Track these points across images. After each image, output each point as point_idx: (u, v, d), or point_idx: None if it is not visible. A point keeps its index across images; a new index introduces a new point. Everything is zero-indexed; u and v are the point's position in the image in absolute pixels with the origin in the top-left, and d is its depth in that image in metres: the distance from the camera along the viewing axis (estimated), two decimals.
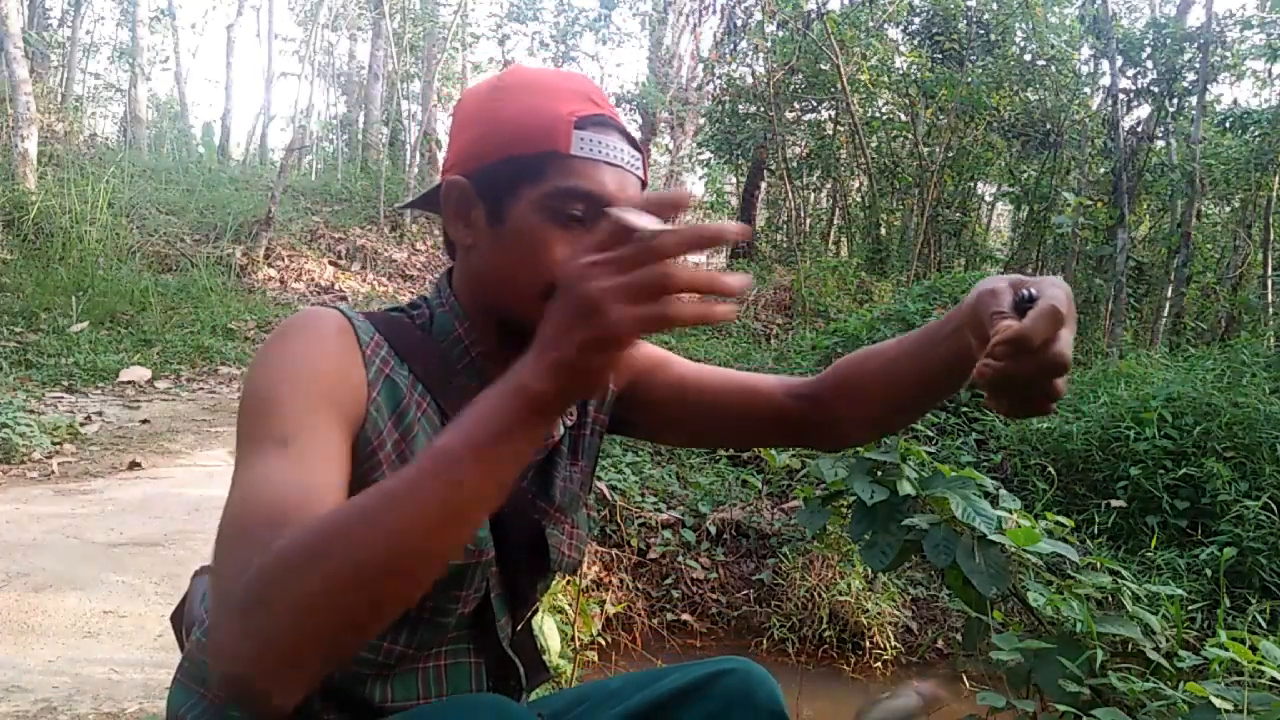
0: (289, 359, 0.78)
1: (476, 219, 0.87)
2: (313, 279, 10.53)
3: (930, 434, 4.93)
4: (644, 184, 0.91)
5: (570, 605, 2.96)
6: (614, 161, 0.84)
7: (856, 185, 13.24)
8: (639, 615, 3.84)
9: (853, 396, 0.96)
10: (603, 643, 3.55)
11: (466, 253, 0.89)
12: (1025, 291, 0.70)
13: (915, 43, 11.24)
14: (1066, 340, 0.67)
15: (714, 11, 12.85)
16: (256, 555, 0.60)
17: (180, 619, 1.05)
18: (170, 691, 0.93)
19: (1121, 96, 10.11)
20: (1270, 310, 8.99)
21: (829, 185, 14.10)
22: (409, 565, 0.58)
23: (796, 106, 12.54)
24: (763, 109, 11.46)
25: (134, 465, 4.47)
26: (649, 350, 1.06)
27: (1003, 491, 2.09)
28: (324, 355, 0.79)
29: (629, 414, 1.04)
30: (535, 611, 1.00)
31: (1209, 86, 10.07)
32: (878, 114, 11.95)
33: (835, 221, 14.07)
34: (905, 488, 1.96)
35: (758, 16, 11.11)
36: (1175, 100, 10.14)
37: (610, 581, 3.86)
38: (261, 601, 0.58)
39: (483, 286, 0.88)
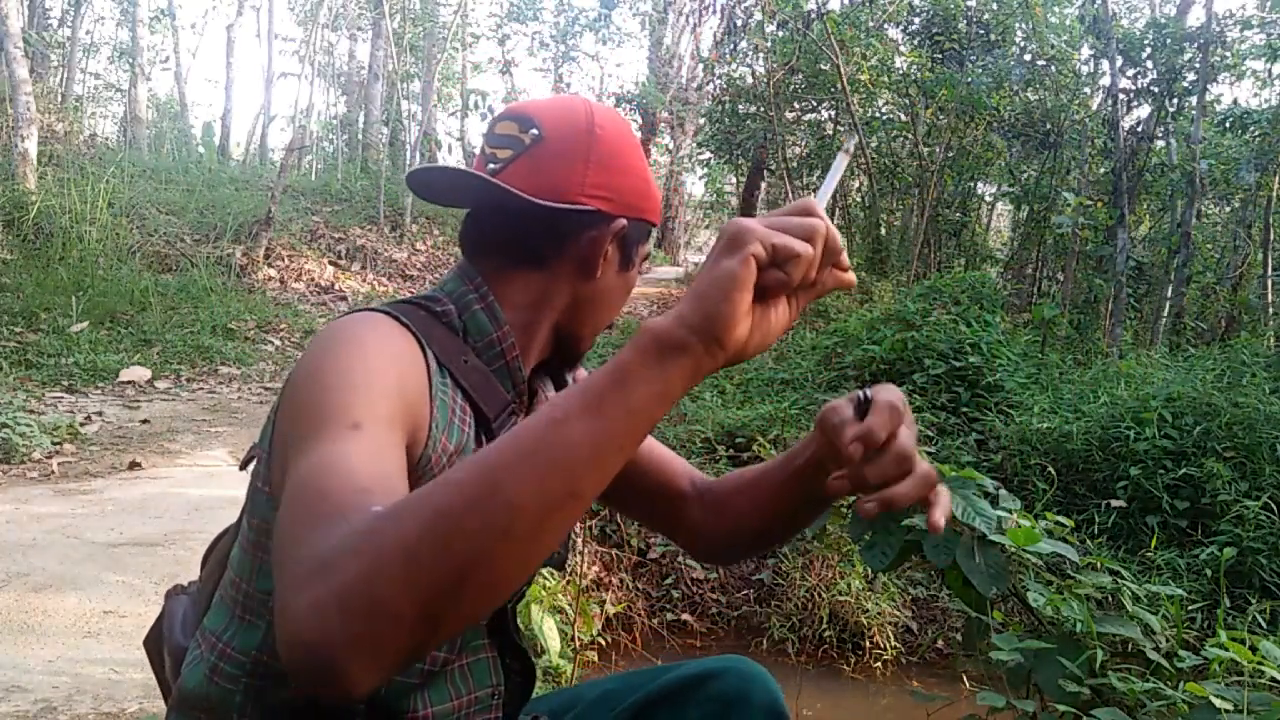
0: (359, 357, 0.76)
1: (611, 257, 0.93)
2: (313, 279, 10.53)
3: (930, 434, 4.93)
4: None
5: (570, 605, 2.96)
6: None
7: (856, 185, 13.25)
8: (639, 615, 3.84)
9: (717, 508, 1.01)
10: (603, 643, 3.55)
11: (580, 279, 0.92)
12: (861, 394, 0.76)
13: (915, 43, 11.24)
14: (907, 436, 0.73)
15: (714, 11, 12.87)
16: (345, 524, 0.56)
17: (157, 644, 1.00)
18: None
19: (1121, 96, 10.11)
20: (1270, 310, 8.99)
21: None
22: (530, 521, 0.54)
23: (796, 106, 12.53)
24: (763, 109, 11.46)
25: (134, 465, 4.47)
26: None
27: (1003, 491, 2.09)
28: (393, 356, 0.79)
29: None
30: (521, 598, 1.02)
31: (1209, 86, 10.07)
32: (878, 114, 11.95)
33: (835, 221, 14.03)
34: None
35: (758, 16, 11.12)
36: (1175, 100, 10.14)
37: (610, 581, 3.86)
38: (360, 561, 0.53)
39: (580, 314, 0.94)
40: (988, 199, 14.22)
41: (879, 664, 3.77)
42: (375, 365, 0.75)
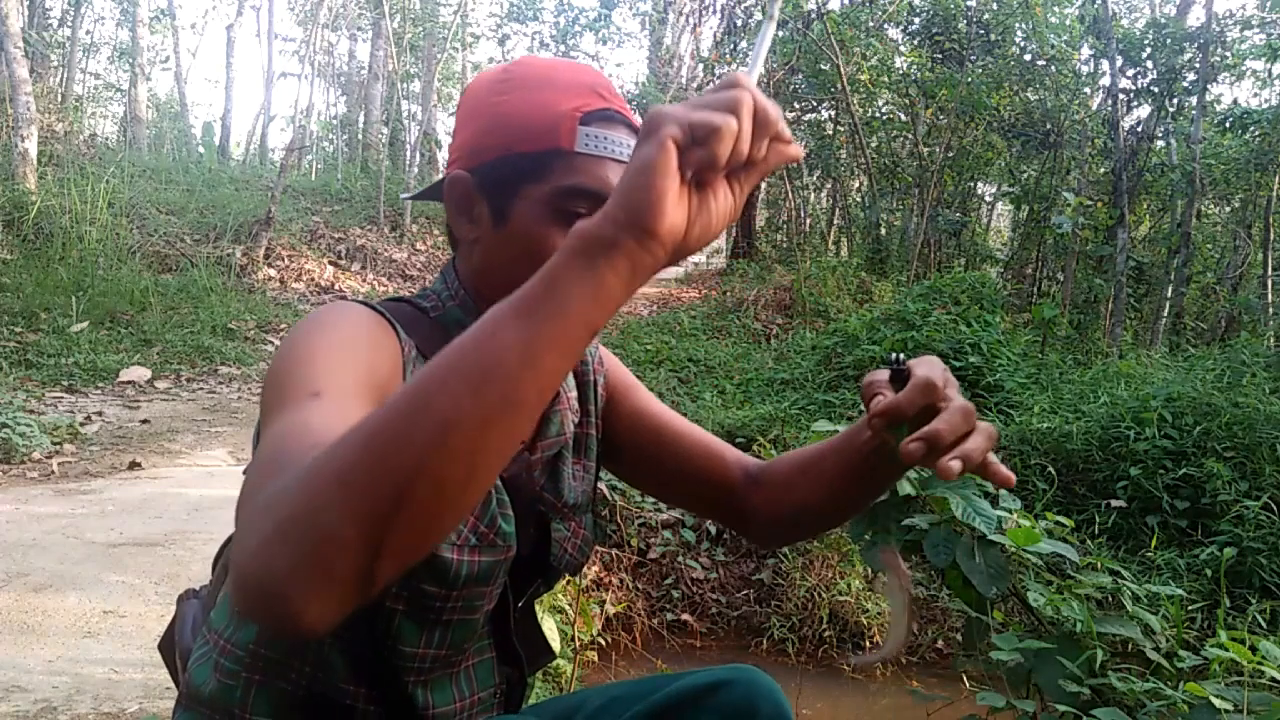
0: (327, 337, 0.75)
1: (480, 215, 0.86)
2: (313, 279, 10.53)
3: None
4: None
5: (570, 605, 2.96)
6: (620, 158, 0.83)
7: (856, 185, 13.25)
8: (639, 615, 3.84)
9: (779, 491, 0.98)
10: (603, 643, 3.55)
11: (470, 248, 0.89)
12: (894, 360, 0.76)
13: (915, 43, 11.24)
14: (955, 397, 0.73)
15: (714, 11, 12.87)
16: (291, 470, 0.56)
17: (170, 648, 1.01)
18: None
19: (1121, 96, 10.11)
20: (1270, 310, 8.99)
21: (829, 185, 14.11)
22: (465, 433, 0.53)
23: (796, 106, 12.54)
24: None
25: (134, 465, 4.47)
26: (621, 373, 1.07)
27: (1003, 491, 2.09)
28: (364, 339, 0.77)
29: (610, 434, 1.04)
30: (535, 596, 1.00)
31: (1209, 86, 10.07)
32: (878, 114, 11.95)
33: (835, 221, 14.07)
34: (905, 487, 1.96)
35: (758, 16, 11.11)
36: (1175, 100, 10.15)
37: (610, 581, 3.86)
38: (301, 491, 0.53)
39: (488, 284, 0.87)
40: (988, 199, 14.23)
41: (879, 664, 3.77)
42: (341, 343, 0.75)
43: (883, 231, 11.23)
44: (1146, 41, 10.12)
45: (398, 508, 0.51)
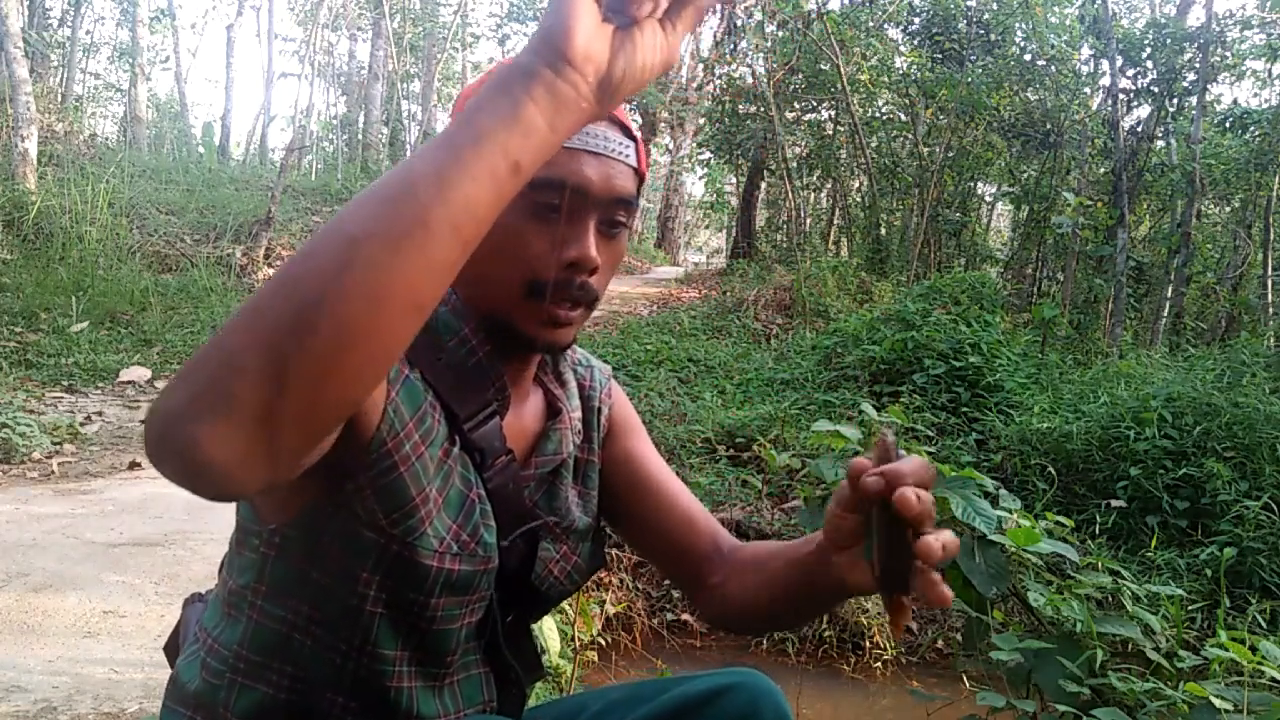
0: None
1: None
2: None
3: (930, 434, 4.93)
4: (639, 173, 0.87)
5: (570, 605, 2.96)
6: (594, 149, 0.82)
7: (856, 185, 13.25)
8: (639, 615, 3.84)
9: (735, 577, 0.97)
10: (603, 643, 3.55)
11: None
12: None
13: (915, 43, 11.24)
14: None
15: (714, 11, 12.84)
16: None
17: (174, 651, 1.02)
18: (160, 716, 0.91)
19: (1121, 96, 10.12)
20: (1270, 310, 8.99)
21: (829, 185, 14.11)
22: (370, 251, 0.52)
23: (796, 106, 12.54)
24: (763, 109, 11.46)
25: (134, 465, 4.47)
26: (627, 412, 1.06)
27: (1003, 491, 2.09)
28: None
29: (601, 469, 1.03)
30: (533, 615, 0.98)
31: (1209, 86, 10.07)
32: (878, 114, 11.95)
33: (835, 221, 14.07)
34: None
35: (758, 16, 11.11)
36: (1175, 100, 10.15)
37: (610, 581, 3.86)
38: (215, 333, 0.52)
39: (470, 282, 0.86)
40: (988, 199, 14.23)
41: (879, 664, 3.77)
42: None
43: (883, 231, 11.22)
44: (1146, 41, 10.12)
45: (298, 333, 0.50)
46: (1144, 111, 10.83)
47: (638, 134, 0.88)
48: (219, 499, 0.54)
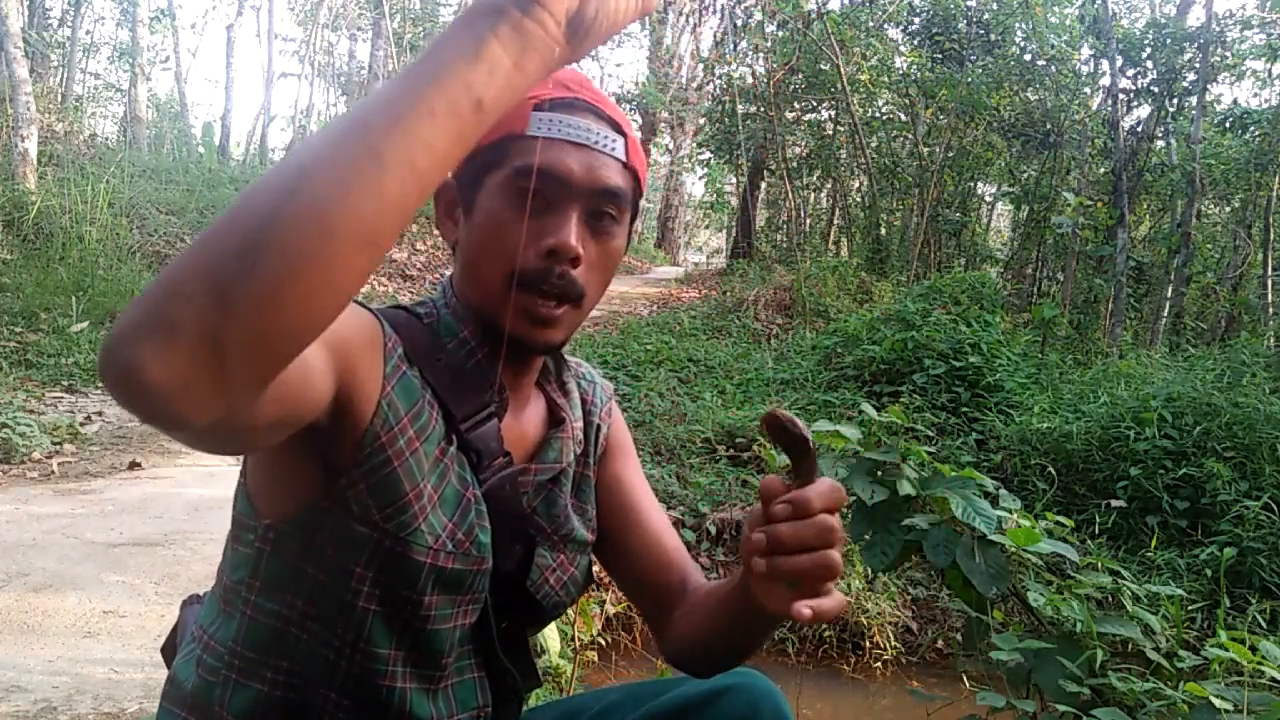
0: None
1: (459, 216, 0.87)
2: None
3: (930, 434, 4.93)
4: (627, 165, 0.87)
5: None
6: (578, 140, 0.82)
7: (856, 185, 13.25)
8: (639, 615, 3.84)
9: (686, 609, 0.98)
10: (603, 643, 3.55)
11: (455, 252, 0.89)
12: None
13: (915, 43, 11.25)
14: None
15: (714, 11, 12.87)
16: None
17: (172, 652, 1.02)
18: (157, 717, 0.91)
19: (1121, 96, 10.12)
20: (1270, 310, 8.99)
21: (829, 185, 14.12)
22: (319, 179, 0.51)
23: (796, 106, 12.55)
24: (763, 109, 11.47)
25: (134, 465, 4.47)
26: (623, 435, 1.07)
27: (1003, 491, 2.09)
28: (349, 323, 0.76)
29: (597, 495, 1.03)
30: (531, 622, 0.98)
31: (1209, 86, 10.07)
32: (878, 114, 11.96)
33: (835, 221, 14.08)
34: (905, 488, 1.96)
35: (758, 16, 11.12)
36: (1175, 100, 10.15)
37: (610, 582, 3.86)
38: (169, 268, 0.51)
39: (465, 279, 0.87)
40: (988, 199, 14.23)
41: (879, 664, 3.77)
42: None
43: (883, 231, 11.23)
44: (1146, 41, 10.12)
45: (242, 257, 0.49)
46: (1144, 111, 10.84)
47: (630, 130, 0.88)
48: (171, 428, 0.53)
